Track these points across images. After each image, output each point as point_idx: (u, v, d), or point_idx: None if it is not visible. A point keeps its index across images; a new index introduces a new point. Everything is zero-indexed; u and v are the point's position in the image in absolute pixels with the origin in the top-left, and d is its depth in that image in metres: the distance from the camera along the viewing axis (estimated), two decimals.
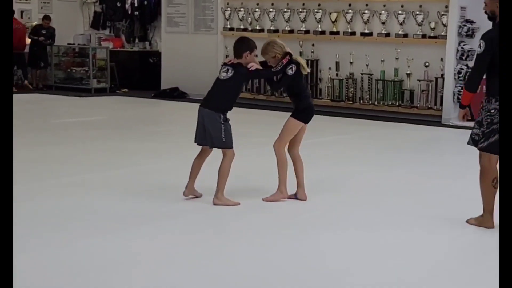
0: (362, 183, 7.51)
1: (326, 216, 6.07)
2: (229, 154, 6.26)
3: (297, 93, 6.43)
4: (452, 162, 8.96)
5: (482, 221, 5.79)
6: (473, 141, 5.74)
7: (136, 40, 17.96)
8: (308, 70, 6.46)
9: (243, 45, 6.36)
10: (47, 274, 4.45)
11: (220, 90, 6.33)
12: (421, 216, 6.06)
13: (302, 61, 6.40)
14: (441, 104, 12.65)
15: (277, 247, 5.15)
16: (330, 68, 13.84)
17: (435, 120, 12.50)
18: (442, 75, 12.67)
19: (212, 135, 6.25)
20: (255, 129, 11.12)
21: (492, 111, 5.52)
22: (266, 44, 6.45)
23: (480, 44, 5.54)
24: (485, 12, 5.82)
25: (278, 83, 6.45)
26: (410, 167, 8.40)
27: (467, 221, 5.87)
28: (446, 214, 6.12)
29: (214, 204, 6.20)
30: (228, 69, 6.33)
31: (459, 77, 12.47)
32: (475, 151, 5.85)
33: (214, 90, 6.38)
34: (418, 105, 12.90)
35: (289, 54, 6.35)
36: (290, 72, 6.27)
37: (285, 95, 14.22)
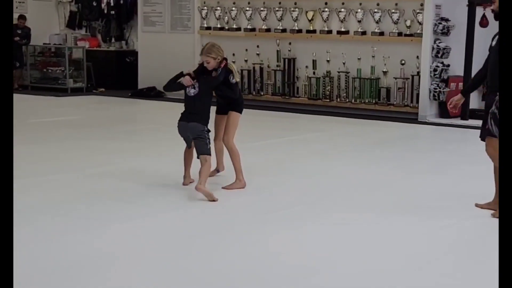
0: (340, 178, 7.56)
1: (305, 210, 6.11)
2: (209, 160, 6.57)
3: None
4: (429, 158, 9.02)
5: (487, 206, 6.03)
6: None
7: (113, 40, 17.90)
8: (238, 78, 7.02)
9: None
10: (21, 272, 4.45)
11: (197, 105, 6.71)
12: (398, 209, 6.13)
13: (234, 68, 6.93)
14: (417, 102, 12.74)
15: (258, 242, 5.20)
16: (307, 67, 13.89)
17: (412, 118, 12.59)
18: (418, 73, 12.75)
19: (199, 145, 6.62)
20: None
21: None
22: (211, 45, 6.82)
23: None
24: (492, 11, 5.86)
25: (233, 91, 6.90)
26: (387, 163, 8.47)
27: (478, 206, 6.05)
28: (426, 206, 6.20)
29: (197, 189, 6.32)
30: (193, 85, 6.74)
31: (434, 74, 12.56)
32: (451, 148, 5.96)
33: (192, 107, 6.72)
34: (395, 102, 12.98)
35: (226, 58, 6.83)
36: (234, 81, 6.84)
37: (262, 94, 14.29)
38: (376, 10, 13.09)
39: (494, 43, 5.80)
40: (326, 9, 13.60)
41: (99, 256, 4.82)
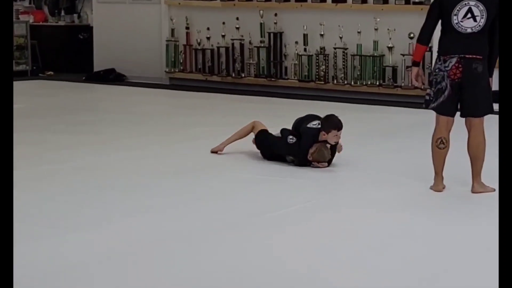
0: (343, 173, 7.76)
1: (308, 209, 6.35)
2: None
3: None
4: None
5: (433, 185, 6.86)
6: (425, 102, 6.89)
7: (62, 13, 17.81)
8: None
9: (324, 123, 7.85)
10: None
11: None
12: (412, 206, 6.42)
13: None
14: (430, 83, 12.77)
15: (261, 244, 5.28)
16: (296, 42, 13.89)
17: (423, 102, 12.55)
18: (430, 48, 12.71)
19: None
20: (204, 117, 11.21)
21: (436, 70, 6.74)
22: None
23: None
24: None
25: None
26: (395, 156, 8.59)
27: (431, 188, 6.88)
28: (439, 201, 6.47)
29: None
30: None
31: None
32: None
33: None
34: (403, 84, 13.01)
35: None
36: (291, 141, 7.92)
37: (243, 75, 14.34)
38: None
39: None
40: None
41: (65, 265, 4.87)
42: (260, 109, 12.19)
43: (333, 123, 7.80)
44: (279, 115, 11.54)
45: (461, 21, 6.51)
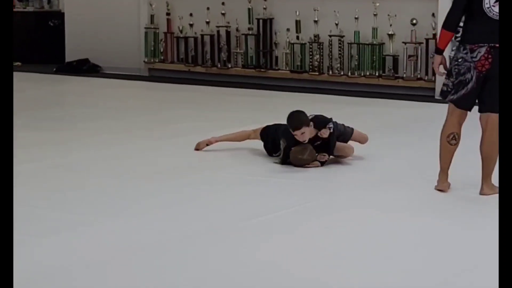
0: (341, 172, 7.79)
1: (307, 211, 6.43)
2: None
3: None
4: None
5: (437, 183, 6.84)
6: (441, 93, 6.80)
7: None
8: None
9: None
10: None
11: None
12: (416, 208, 6.53)
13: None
14: (434, 74, 12.74)
15: (253, 248, 5.31)
16: (288, 30, 13.89)
17: (427, 95, 12.59)
18: (434, 36, 12.75)
19: None
20: (187, 112, 11.17)
21: (460, 60, 6.61)
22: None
23: None
24: None
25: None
26: (397, 153, 8.59)
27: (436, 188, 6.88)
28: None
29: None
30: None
31: (456, 37, 12.53)
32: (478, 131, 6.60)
33: None
34: (404, 75, 13.01)
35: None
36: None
37: (230, 66, 14.30)
38: None
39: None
40: None
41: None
42: (249, 102, 12.22)
43: (289, 123, 7.77)
44: (269, 109, 11.55)
45: (493, 6, 6.32)
